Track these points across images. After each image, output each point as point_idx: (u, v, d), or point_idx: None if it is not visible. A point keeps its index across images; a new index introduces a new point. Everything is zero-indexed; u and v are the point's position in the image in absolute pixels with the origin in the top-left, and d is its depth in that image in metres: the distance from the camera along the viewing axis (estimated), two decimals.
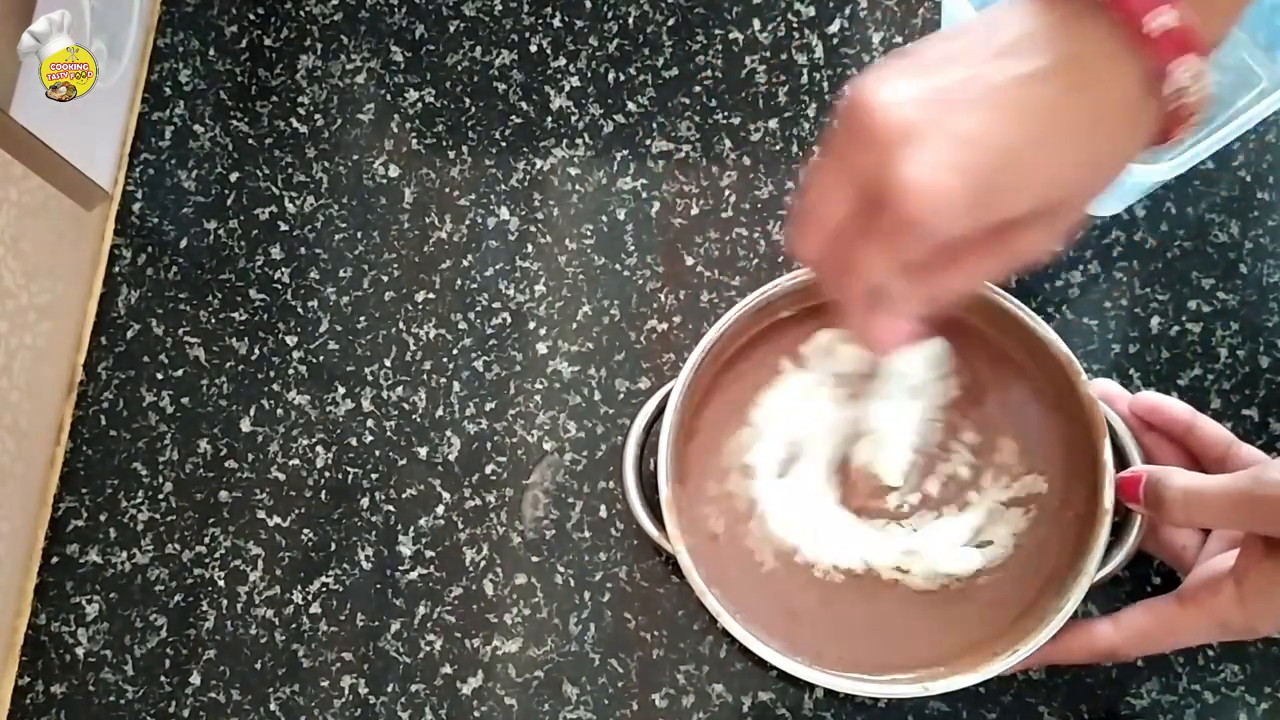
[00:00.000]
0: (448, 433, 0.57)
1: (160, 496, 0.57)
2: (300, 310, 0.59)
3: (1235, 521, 0.43)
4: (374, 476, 0.57)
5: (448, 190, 0.60)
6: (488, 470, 0.56)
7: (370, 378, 0.58)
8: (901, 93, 0.34)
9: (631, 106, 0.61)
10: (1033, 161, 0.33)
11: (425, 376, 0.58)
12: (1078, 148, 0.34)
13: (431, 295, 0.59)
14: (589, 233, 0.59)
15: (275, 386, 0.58)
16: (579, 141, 0.60)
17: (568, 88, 0.61)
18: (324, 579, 0.56)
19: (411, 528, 0.56)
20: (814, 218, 0.37)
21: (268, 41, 0.63)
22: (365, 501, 0.56)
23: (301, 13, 0.63)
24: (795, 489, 0.51)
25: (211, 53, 0.63)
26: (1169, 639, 0.46)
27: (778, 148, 0.59)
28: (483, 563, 0.55)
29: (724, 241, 0.58)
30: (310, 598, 0.55)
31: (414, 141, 0.61)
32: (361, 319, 0.59)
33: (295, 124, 0.62)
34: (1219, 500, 0.43)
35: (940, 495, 0.50)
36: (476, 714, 0.53)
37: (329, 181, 0.61)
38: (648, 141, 0.60)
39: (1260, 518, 0.41)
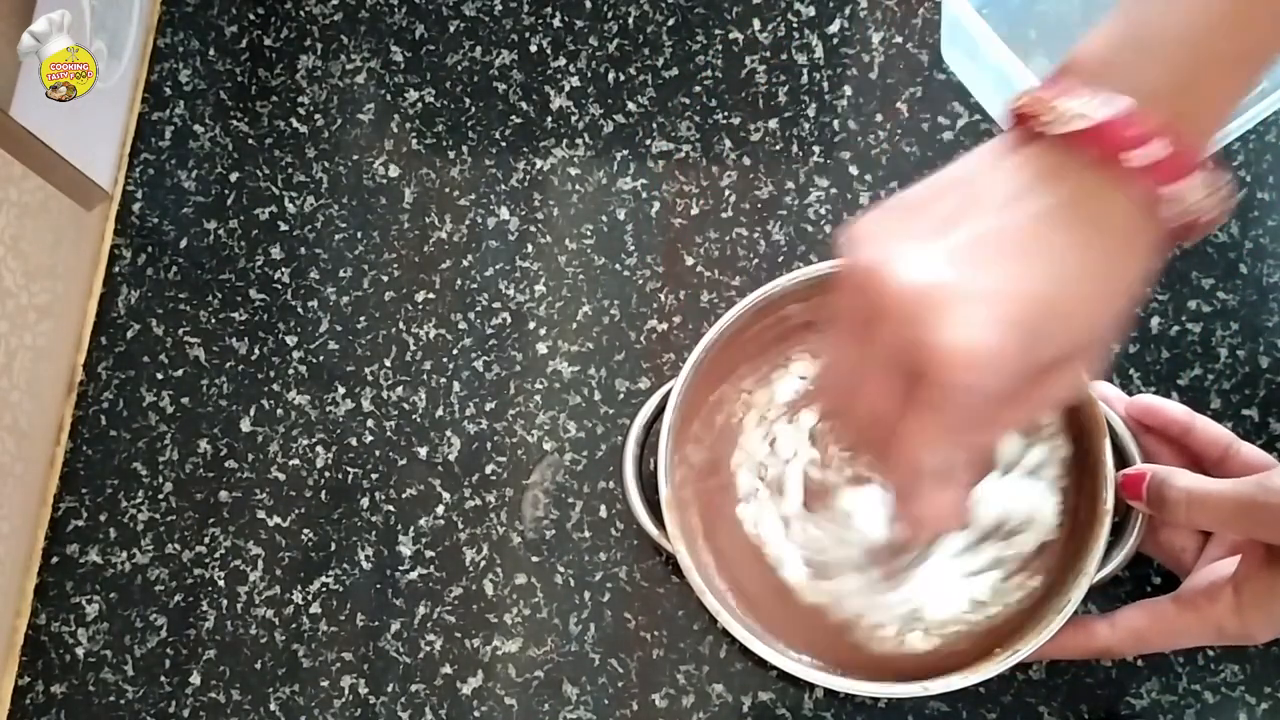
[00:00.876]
0: (448, 433, 0.57)
1: (160, 496, 0.57)
2: (300, 310, 0.59)
3: (1237, 526, 0.43)
4: (374, 476, 0.57)
5: (448, 190, 0.60)
6: (488, 470, 0.56)
7: (370, 378, 0.58)
8: (916, 261, 0.33)
9: (631, 106, 0.61)
10: (1068, 305, 0.33)
11: (425, 376, 0.58)
12: (1103, 284, 0.34)
13: (431, 295, 0.59)
14: (589, 233, 0.59)
15: (275, 386, 0.58)
16: (579, 141, 0.60)
17: (568, 88, 0.61)
18: (324, 579, 0.56)
19: (411, 528, 0.56)
20: (851, 406, 0.36)
21: (268, 41, 0.63)
22: (365, 501, 0.56)
23: (301, 13, 0.63)
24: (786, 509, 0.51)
25: (211, 53, 0.63)
26: (1164, 641, 0.47)
27: (778, 148, 0.59)
28: (483, 563, 0.55)
29: (724, 241, 0.58)
30: (310, 598, 0.55)
31: (414, 141, 0.61)
32: (361, 319, 0.59)
33: (295, 124, 0.62)
34: (1223, 503, 0.43)
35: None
36: (476, 714, 0.53)
37: (329, 181, 0.61)
38: (648, 141, 0.60)
39: (1262, 524, 0.41)
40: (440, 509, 0.56)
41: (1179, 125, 0.33)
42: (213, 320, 0.59)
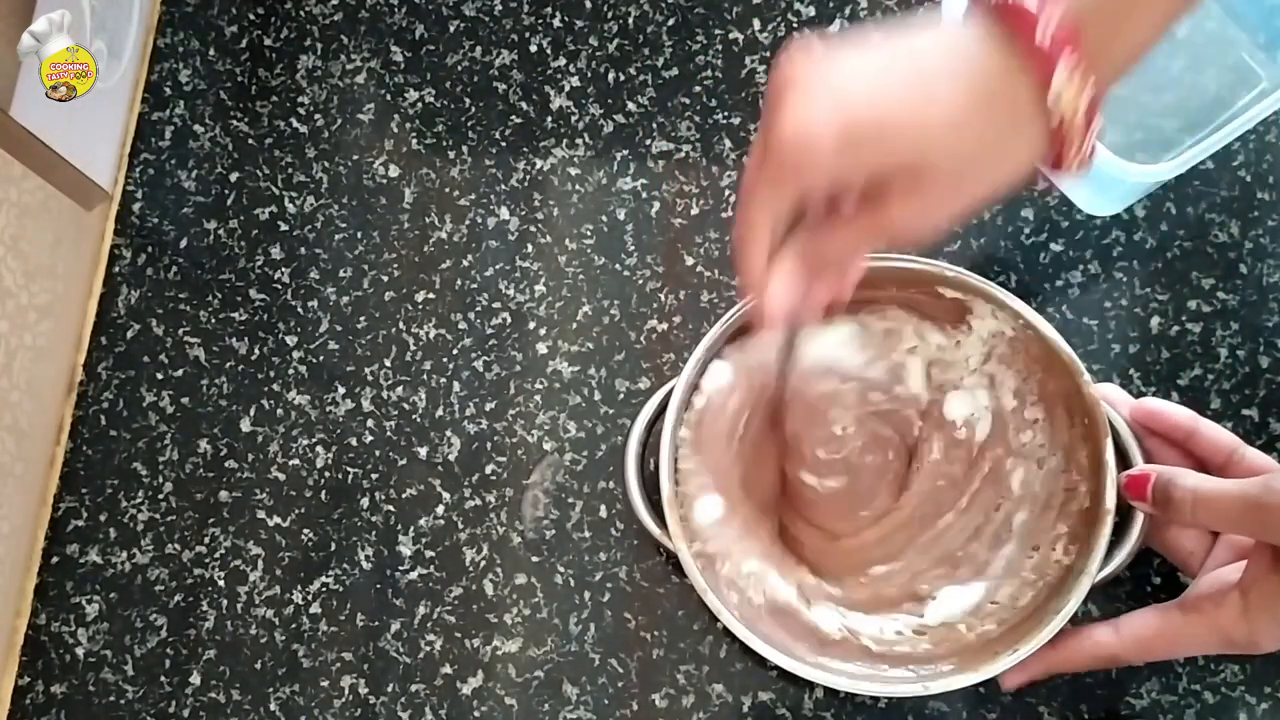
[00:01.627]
0: (448, 433, 0.57)
1: (160, 496, 0.57)
2: (300, 310, 0.59)
3: (1242, 527, 0.43)
4: (374, 476, 0.57)
5: (448, 190, 0.60)
6: (488, 470, 0.56)
7: (370, 378, 0.58)
8: (799, 56, 0.37)
9: (631, 106, 0.61)
10: (901, 121, 0.36)
11: (425, 376, 0.58)
12: (949, 123, 0.36)
13: (431, 295, 0.59)
14: (589, 233, 0.59)
15: (275, 386, 0.58)
16: (579, 141, 0.60)
17: (568, 88, 0.61)
18: (324, 579, 0.56)
19: (411, 528, 0.56)
20: (742, 180, 0.40)
21: (268, 41, 0.63)
22: (365, 501, 0.56)
23: (301, 13, 0.63)
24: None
25: (211, 53, 0.63)
26: (1170, 648, 0.46)
27: None
28: (483, 563, 0.55)
29: (724, 241, 0.58)
30: (310, 598, 0.55)
31: (414, 141, 0.61)
32: (361, 319, 0.59)
33: (295, 124, 0.62)
34: (1228, 504, 0.43)
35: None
36: (476, 714, 0.53)
37: (329, 181, 0.61)
38: (648, 141, 0.60)
39: (1268, 525, 0.41)
40: (440, 509, 0.56)
41: (1091, 39, 0.35)
42: (213, 320, 0.59)
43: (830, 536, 0.51)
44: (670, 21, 0.62)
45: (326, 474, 0.57)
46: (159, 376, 0.59)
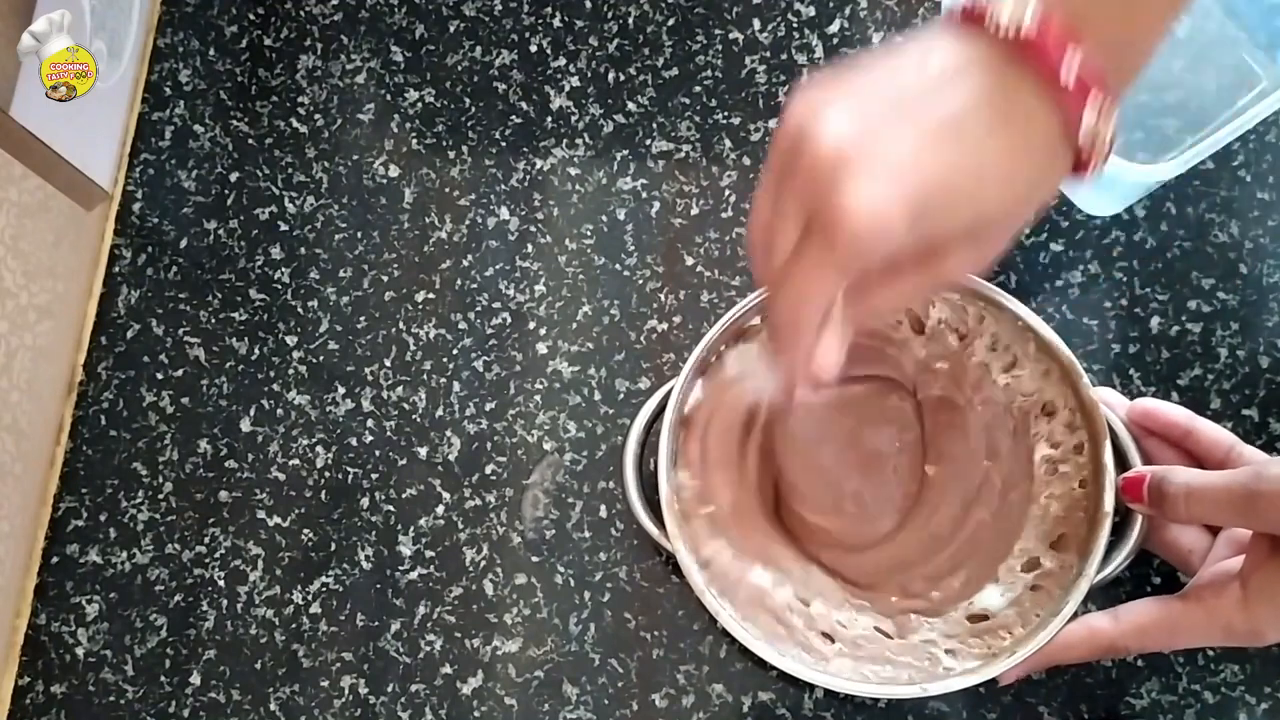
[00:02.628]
0: (448, 433, 0.57)
1: (160, 496, 0.57)
2: (300, 310, 0.59)
3: (1236, 518, 0.43)
4: (374, 476, 0.57)
5: (448, 190, 0.60)
6: (488, 470, 0.56)
7: (370, 378, 0.58)
8: (839, 121, 0.35)
9: (631, 106, 0.61)
10: (963, 188, 0.35)
11: (425, 376, 0.58)
12: (1002, 177, 0.36)
13: (431, 295, 0.59)
14: (589, 233, 0.59)
15: (275, 386, 0.58)
16: (579, 141, 0.60)
17: (568, 88, 0.61)
18: (324, 579, 0.56)
19: (411, 528, 0.56)
20: (763, 245, 0.38)
21: (268, 41, 0.63)
22: (365, 501, 0.56)
23: (301, 13, 0.63)
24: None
25: (211, 53, 0.63)
26: (1169, 637, 0.46)
27: None
28: (483, 563, 0.55)
29: (724, 241, 0.58)
30: (310, 598, 0.55)
31: (414, 141, 0.61)
32: (361, 319, 0.59)
33: (295, 124, 0.62)
34: (1220, 495, 0.43)
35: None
36: (476, 714, 0.53)
37: (329, 181, 0.61)
38: (648, 141, 0.60)
39: (1261, 514, 0.41)
40: (440, 509, 0.56)
41: (1108, 56, 0.35)
42: (213, 320, 0.59)
43: (844, 550, 0.51)
44: (670, 21, 0.62)
45: (326, 474, 0.57)
46: (159, 376, 0.59)
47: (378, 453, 0.57)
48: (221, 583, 0.56)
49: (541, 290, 0.58)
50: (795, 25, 0.61)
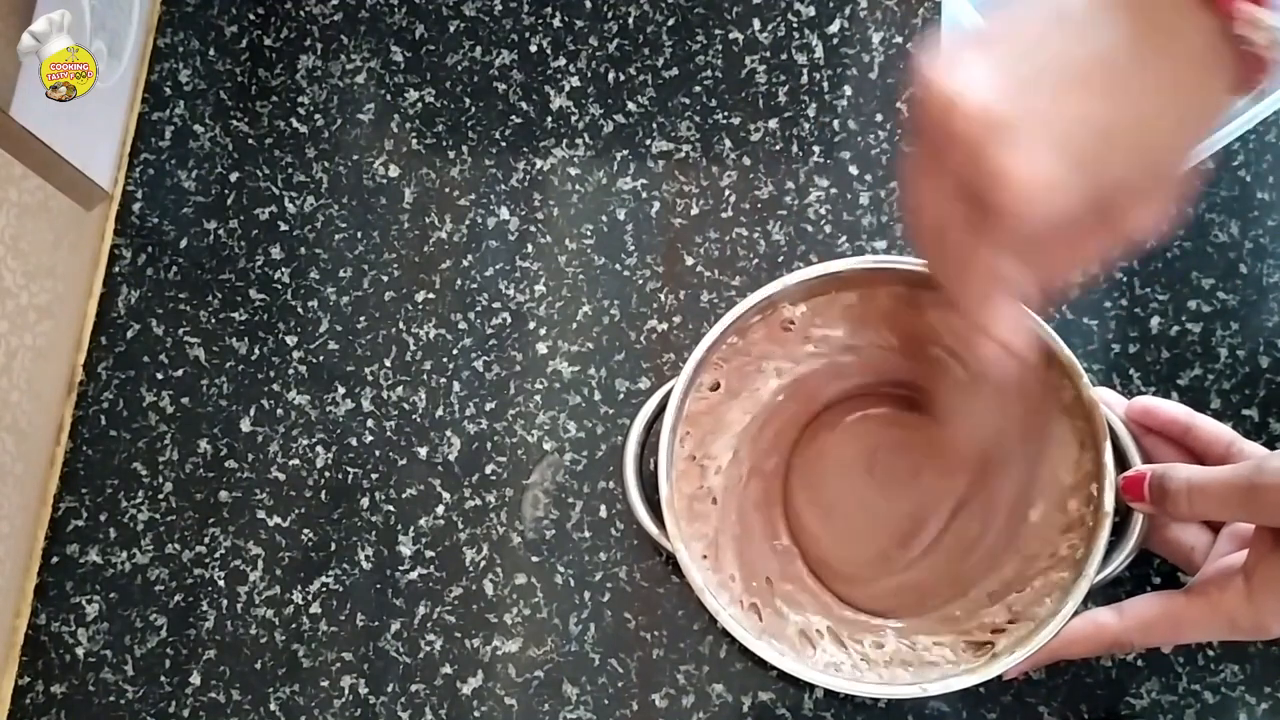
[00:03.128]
0: (448, 433, 0.57)
1: (160, 496, 0.57)
2: (300, 310, 0.59)
3: (1239, 512, 0.43)
4: (374, 476, 0.57)
5: (448, 190, 0.60)
6: (488, 470, 0.56)
7: (370, 378, 0.58)
8: (985, 85, 0.33)
9: (631, 106, 0.61)
10: (1129, 133, 0.33)
11: (425, 376, 0.58)
12: (1167, 111, 0.34)
13: (431, 295, 0.59)
14: (589, 233, 0.59)
15: (275, 386, 0.58)
16: (579, 141, 0.60)
17: (568, 88, 0.61)
18: (324, 579, 0.56)
19: (411, 528, 0.56)
20: (923, 222, 0.37)
21: (268, 41, 0.63)
22: (365, 501, 0.56)
23: (301, 13, 0.63)
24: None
25: (211, 53, 0.63)
26: (1174, 632, 0.46)
27: (778, 148, 0.59)
28: (483, 563, 0.55)
29: (724, 241, 0.58)
30: (310, 598, 0.55)
31: (414, 141, 0.61)
32: (361, 319, 0.59)
33: (295, 124, 0.62)
34: (1222, 489, 0.43)
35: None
36: (476, 714, 0.53)
37: (329, 181, 0.61)
38: (648, 141, 0.60)
39: (1262, 508, 0.41)
40: (440, 509, 0.56)
41: None
42: (213, 320, 0.59)
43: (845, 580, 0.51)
44: (670, 21, 0.62)
45: (326, 474, 0.57)
46: (159, 376, 0.59)
47: (378, 453, 0.57)
48: (221, 583, 0.56)
49: (541, 290, 0.58)
50: (795, 25, 0.61)
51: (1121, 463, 0.48)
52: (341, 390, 0.58)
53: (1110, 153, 0.33)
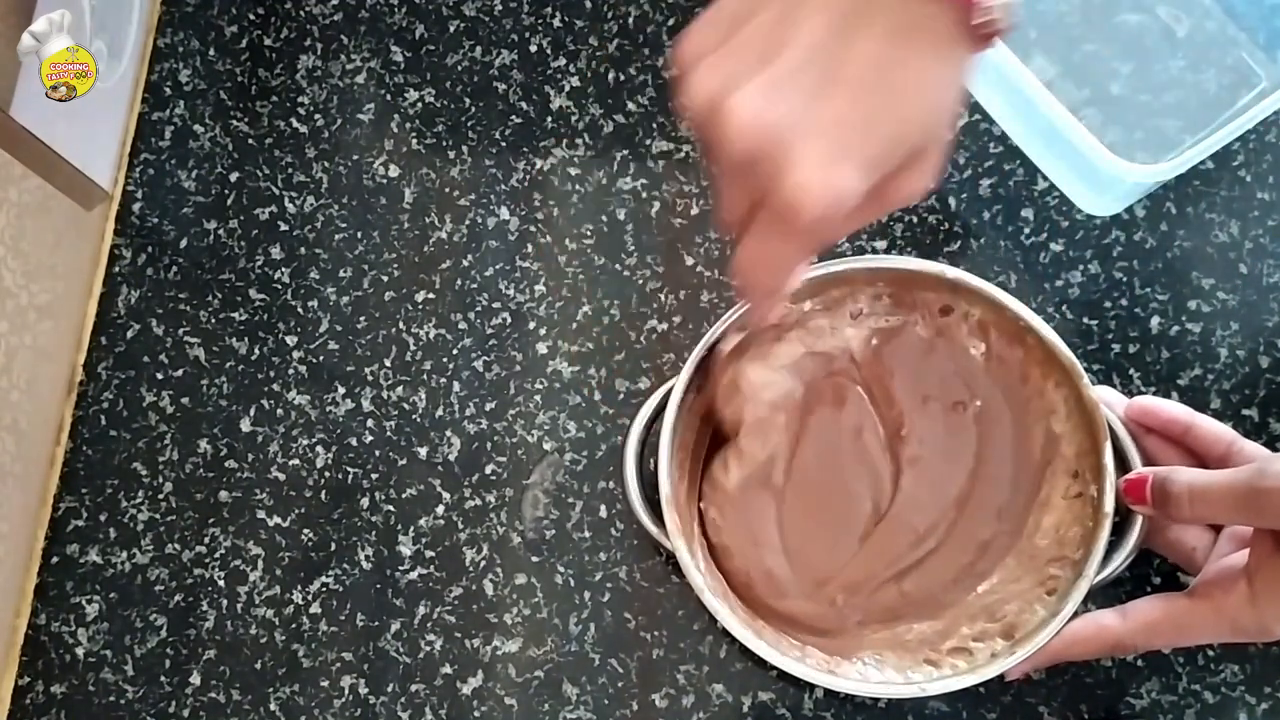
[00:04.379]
0: (448, 433, 0.57)
1: (160, 496, 0.57)
2: (300, 310, 0.59)
3: (1240, 515, 0.43)
4: (374, 476, 0.57)
5: (448, 190, 0.60)
6: (488, 470, 0.56)
7: (370, 378, 0.58)
8: (751, 97, 0.34)
9: (631, 106, 0.61)
10: (895, 127, 0.35)
11: (425, 376, 0.58)
12: (923, 95, 0.36)
13: (431, 295, 0.59)
14: (589, 233, 0.59)
15: (275, 386, 0.58)
16: (579, 141, 0.60)
17: (568, 88, 0.61)
18: (324, 579, 0.56)
19: (411, 528, 0.56)
20: (727, 223, 0.39)
21: (268, 41, 0.63)
22: (365, 501, 0.56)
23: (301, 13, 0.63)
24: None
25: (211, 53, 0.63)
26: (1177, 634, 0.46)
27: None
28: (483, 563, 0.55)
29: (724, 241, 0.58)
30: (310, 598, 0.55)
31: (414, 141, 0.61)
32: (361, 319, 0.59)
33: (295, 124, 0.62)
34: (1223, 493, 0.43)
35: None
36: (476, 714, 0.53)
37: (329, 181, 0.61)
38: (648, 141, 0.60)
39: (1264, 511, 0.41)
40: (440, 509, 0.56)
41: None
42: (213, 320, 0.59)
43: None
44: (670, 21, 0.62)
45: (326, 474, 0.57)
46: (159, 376, 0.59)
47: (378, 453, 0.57)
48: (221, 583, 0.56)
49: (541, 290, 0.58)
50: None
51: (1121, 463, 0.48)
52: (341, 390, 0.58)
53: (876, 142, 0.35)
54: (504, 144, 0.61)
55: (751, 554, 0.50)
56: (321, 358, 0.58)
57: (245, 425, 0.58)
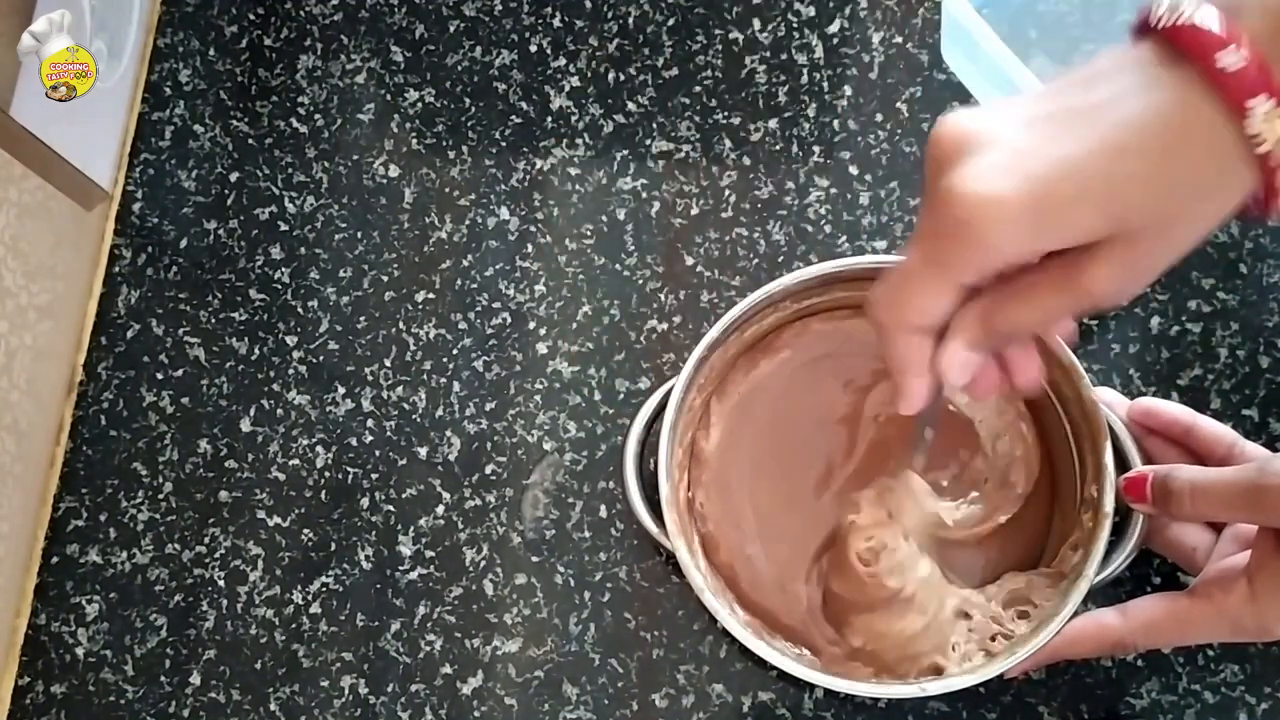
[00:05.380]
0: (448, 433, 0.57)
1: (160, 496, 0.57)
2: (300, 310, 0.59)
3: (1241, 513, 0.43)
4: (374, 476, 0.57)
5: (448, 190, 0.60)
6: (488, 470, 0.56)
7: (370, 378, 0.58)
8: (966, 114, 0.33)
9: (631, 106, 0.61)
10: (1095, 171, 0.32)
11: (425, 376, 0.58)
12: (1146, 167, 0.32)
13: (431, 295, 0.59)
14: (589, 233, 0.59)
15: (275, 386, 0.58)
16: (579, 141, 0.60)
17: (568, 88, 0.61)
18: (324, 579, 0.56)
19: (411, 528, 0.56)
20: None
21: (268, 41, 0.63)
22: (365, 501, 0.56)
23: (301, 13, 0.63)
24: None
25: (211, 53, 0.63)
26: (1177, 633, 0.46)
27: (778, 148, 0.59)
28: (483, 563, 0.55)
29: (724, 241, 0.58)
30: (310, 598, 0.55)
31: (414, 141, 0.61)
32: (361, 319, 0.59)
33: (295, 124, 0.62)
34: (1225, 490, 0.43)
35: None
36: (476, 714, 0.53)
37: (329, 181, 0.61)
38: (648, 141, 0.60)
39: (1266, 509, 0.41)
40: (440, 509, 0.56)
41: (1270, 51, 0.31)
42: (213, 320, 0.59)
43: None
44: (670, 21, 0.62)
45: (326, 474, 0.57)
46: (159, 376, 0.59)
47: (378, 453, 0.57)
48: (221, 583, 0.56)
49: (541, 290, 0.58)
50: (795, 25, 0.61)
51: (1121, 463, 0.48)
52: (341, 390, 0.58)
53: (1071, 185, 0.32)
54: (504, 144, 0.61)
55: (734, 539, 0.50)
56: (321, 358, 0.58)
57: (245, 425, 0.58)
